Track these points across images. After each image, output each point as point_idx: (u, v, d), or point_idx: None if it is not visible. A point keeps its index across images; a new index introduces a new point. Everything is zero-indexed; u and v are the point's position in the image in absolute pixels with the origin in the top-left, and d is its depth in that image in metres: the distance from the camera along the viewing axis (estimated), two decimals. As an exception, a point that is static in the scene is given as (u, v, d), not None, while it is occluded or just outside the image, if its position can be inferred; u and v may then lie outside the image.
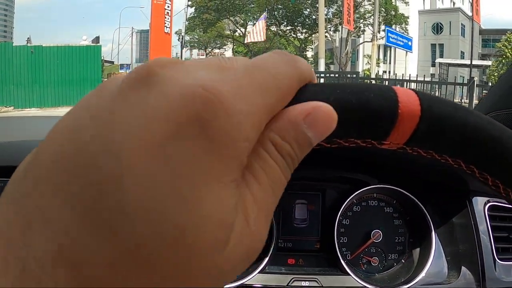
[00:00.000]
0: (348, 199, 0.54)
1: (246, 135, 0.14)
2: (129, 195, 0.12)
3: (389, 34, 14.64)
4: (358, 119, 0.17)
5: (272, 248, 0.50)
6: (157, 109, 0.13)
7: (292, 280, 0.51)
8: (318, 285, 0.51)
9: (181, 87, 0.13)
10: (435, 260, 0.53)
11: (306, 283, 0.51)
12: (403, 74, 9.03)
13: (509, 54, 14.75)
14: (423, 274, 0.52)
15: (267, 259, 0.49)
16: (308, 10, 18.57)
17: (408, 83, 9.17)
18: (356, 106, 0.17)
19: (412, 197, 0.55)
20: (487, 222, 0.55)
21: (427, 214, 0.55)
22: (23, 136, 0.76)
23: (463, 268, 0.53)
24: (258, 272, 0.49)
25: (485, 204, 0.56)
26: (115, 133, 0.13)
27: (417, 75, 8.70)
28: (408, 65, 15.51)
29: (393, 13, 17.68)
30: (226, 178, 0.13)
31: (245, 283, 0.48)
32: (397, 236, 0.58)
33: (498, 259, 0.54)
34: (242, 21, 19.95)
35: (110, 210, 0.12)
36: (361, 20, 18.18)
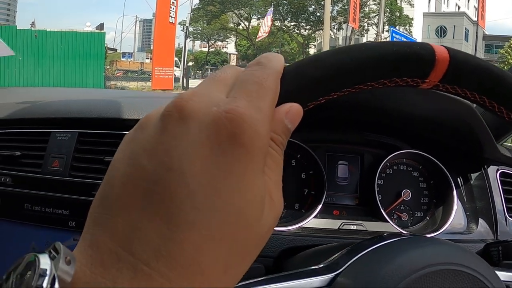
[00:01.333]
0: (384, 161, 0.64)
1: (263, 137, 0.19)
2: (196, 194, 0.17)
3: (394, 34, 14.68)
4: (406, 62, 0.25)
5: (323, 198, 0.59)
6: (199, 135, 0.18)
7: (342, 224, 0.61)
8: (364, 228, 0.61)
9: (210, 116, 0.18)
10: (457, 214, 0.63)
11: (354, 227, 0.61)
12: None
13: (511, 61, 14.81)
14: (447, 225, 0.62)
15: (320, 206, 0.59)
16: (313, 7, 18.59)
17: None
18: (406, 52, 0.25)
19: (436, 161, 0.65)
20: (499, 185, 0.65)
21: (449, 176, 0.64)
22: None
23: (480, 221, 0.63)
24: (313, 217, 0.58)
25: (497, 170, 0.66)
26: (170, 157, 0.17)
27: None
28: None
29: (397, 14, 17.75)
30: (257, 170, 0.19)
31: (303, 225, 0.58)
32: (422, 197, 0.68)
33: (509, 216, 0.64)
34: (246, 15, 19.94)
35: (182, 209, 0.17)
36: (365, 20, 18.25)
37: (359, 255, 0.35)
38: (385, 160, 0.64)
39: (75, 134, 0.62)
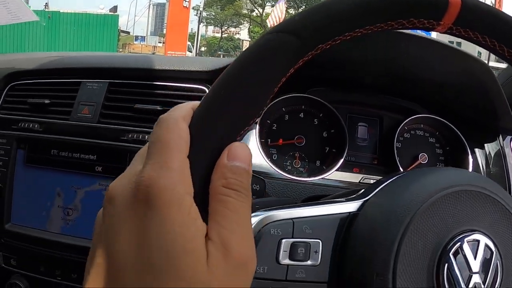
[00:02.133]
0: (403, 124, 0.64)
1: (175, 191, 0.20)
2: (126, 266, 0.19)
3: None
4: (422, 2, 0.27)
5: (345, 153, 0.61)
6: (123, 212, 0.20)
7: (363, 178, 0.62)
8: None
9: (127, 192, 0.21)
10: None
11: (373, 181, 0.62)
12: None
13: None
14: None
15: (341, 160, 0.60)
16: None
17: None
18: None
19: (453, 126, 0.65)
20: (510, 148, 0.66)
21: (465, 142, 0.65)
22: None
23: None
24: (335, 171, 0.60)
25: (510, 139, 0.67)
26: (107, 238, 0.20)
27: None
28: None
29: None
30: (179, 222, 0.20)
31: (325, 177, 0.59)
32: (438, 163, 0.69)
33: None
34: (260, 1, 19.76)
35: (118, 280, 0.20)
36: None
37: (383, 184, 0.36)
38: (404, 122, 0.65)
39: (106, 83, 0.64)
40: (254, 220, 0.33)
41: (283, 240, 0.33)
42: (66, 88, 0.66)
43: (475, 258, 0.32)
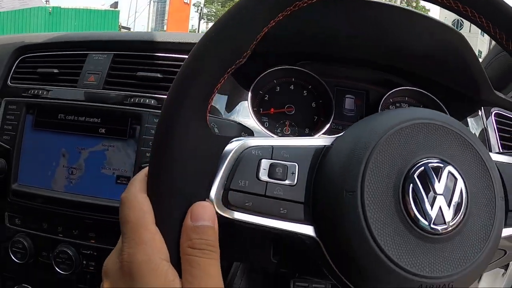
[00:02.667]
0: (386, 95, 0.69)
1: (153, 261, 0.26)
2: None
3: None
4: None
5: (331, 119, 0.66)
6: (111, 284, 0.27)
7: None
8: None
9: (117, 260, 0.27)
10: None
11: None
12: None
13: None
14: None
15: (328, 125, 0.65)
16: None
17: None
18: None
19: (435, 98, 0.70)
20: (494, 124, 0.70)
21: (448, 114, 0.70)
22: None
23: None
24: (322, 134, 0.65)
25: (492, 111, 0.72)
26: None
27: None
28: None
29: (414, 4, 17.55)
30: (164, 285, 0.25)
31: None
32: None
33: (502, 151, 0.70)
34: (261, 0, 19.77)
35: None
36: None
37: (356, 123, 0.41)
38: (387, 94, 0.69)
39: (111, 54, 0.68)
40: (237, 144, 0.36)
41: (263, 160, 0.35)
42: (74, 59, 0.71)
43: (439, 181, 0.35)
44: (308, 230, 0.36)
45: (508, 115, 0.72)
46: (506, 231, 0.40)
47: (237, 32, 0.35)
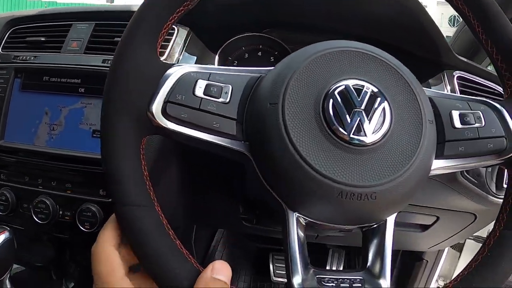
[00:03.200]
0: None
1: None
2: None
3: None
4: None
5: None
6: None
7: None
8: None
9: None
10: None
11: None
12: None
13: None
14: None
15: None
16: None
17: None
18: None
19: None
20: (456, 87, 0.73)
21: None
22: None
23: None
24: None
25: (454, 74, 0.75)
26: None
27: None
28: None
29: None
30: None
31: None
32: None
33: None
34: None
35: None
36: None
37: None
38: None
39: (93, 24, 0.75)
40: (179, 68, 0.41)
41: (200, 80, 0.40)
42: (60, 29, 0.77)
43: (359, 98, 0.38)
44: (240, 145, 0.40)
45: (471, 78, 0.75)
46: (440, 162, 0.42)
47: None
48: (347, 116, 0.37)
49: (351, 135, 0.37)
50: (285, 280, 0.83)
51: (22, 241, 0.67)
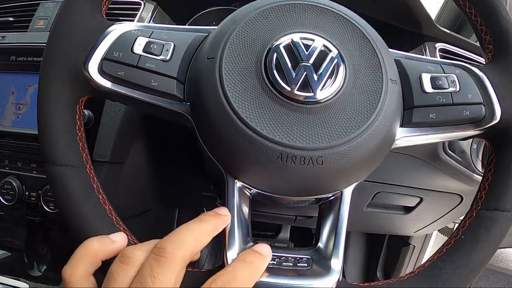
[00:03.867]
0: None
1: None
2: None
3: None
4: None
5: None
6: None
7: None
8: None
9: None
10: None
11: None
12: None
13: None
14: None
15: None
16: None
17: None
18: None
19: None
20: (437, 57, 0.69)
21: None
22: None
23: None
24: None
25: (436, 46, 0.70)
26: None
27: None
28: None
29: None
30: None
31: None
32: None
33: None
34: None
35: None
36: None
37: None
38: None
39: (59, 2, 0.73)
40: (120, 25, 0.38)
41: (140, 37, 0.38)
42: (28, 8, 0.76)
43: (307, 52, 0.34)
44: (180, 107, 0.37)
45: (454, 50, 0.71)
46: (407, 131, 0.37)
47: None
48: (292, 70, 0.33)
49: (295, 91, 0.33)
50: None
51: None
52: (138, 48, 0.37)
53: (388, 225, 0.78)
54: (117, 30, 0.38)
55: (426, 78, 0.38)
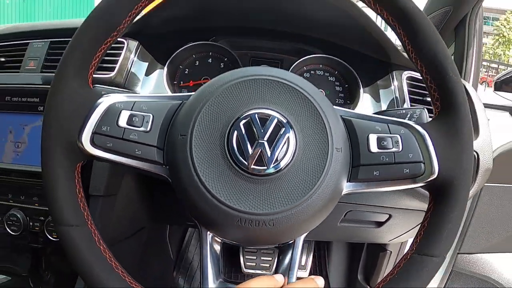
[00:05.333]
0: (296, 62, 0.76)
1: None
2: None
3: None
4: None
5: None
6: None
7: None
8: None
9: None
10: (364, 109, 0.75)
11: None
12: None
13: (506, 34, 15.06)
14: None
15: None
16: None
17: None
18: None
19: (346, 64, 0.77)
20: (405, 87, 0.76)
21: (358, 78, 0.76)
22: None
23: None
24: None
25: (403, 74, 0.77)
26: None
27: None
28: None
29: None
30: None
31: None
32: (338, 99, 0.80)
33: None
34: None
35: None
36: None
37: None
38: (297, 62, 0.76)
39: (48, 42, 0.80)
40: (106, 98, 0.44)
41: (123, 111, 0.44)
42: (18, 48, 0.82)
43: (263, 129, 0.40)
44: (160, 170, 0.44)
45: (420, 77, 0.78)
46: (353, 186, 0.44)
47: (109, 11, 0.46)
48: (249, 147, 0.40)
49: (252, 166, 0.40)
50: (256, 271, 0.89)
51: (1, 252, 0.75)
52: (123, 121, 0.44)
53: (363, 236, 0.86)
54: (103, 103, 0.45)
55: (373, 139, 0.44)
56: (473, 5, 0.82)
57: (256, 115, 0.41)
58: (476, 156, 0.72)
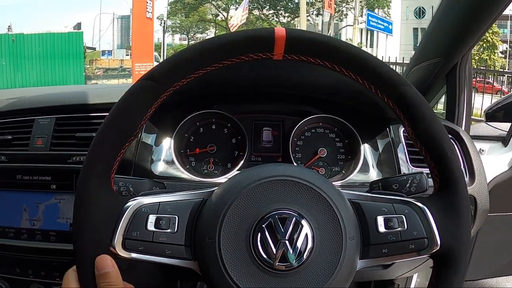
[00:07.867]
0: (298, 124, 0.85)
1: None
2: None
3: (370, 18, 15.85)
4: (253, 41, 0.44)
5: (245, 155, 0.82)
6: None
7: None
8: None
9: None
10: (364, 166, 0.83)
11: None
12: (383, 57, 9.25)
13: (489, 39, 15.68)
14: (353, 174, 0.81)
15: (242, 161, 0.81)
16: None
17: (390, 65, 9.17)
18: (252, 35, 0.44)
19: (345, 122, 0.86)
20: (402, 141, 0.84)
21: (357, 134, 0.85)
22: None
23: (384, 169, 0.84)
24: (236, 170, 0.80)
25: (401, 128, 0.85)
26: None
27: (396, 58, 8.92)
28: (388, 48, 16.25)
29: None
30: None
31: (228, 177, 0.80)
32: (339, 154, 0.88)
33: (412, 166, 0.83)
34: (224, 5, 20.26)
35: None
36: (344, 4, 19.14)
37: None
38: (300, 123, 0.85)
39: (53, 118, 0.85)
40: (132, 203, 0.49)
41: (150, 215, 0.48)
42: (24, 125, 0.87)
43: (283, 229, 0.46)
44: (189, 264, 0.49)
45: None
46: (364, 262, 0.49)
47: (124, 119, 0.49)
48: (273, 247, 0.46)
49: (277, 264, 0.46)
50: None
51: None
52: (151, 225, 0.48)
53: (372, 275, 0.95)
54: (130, 208, 0.48)
55: (380, 220, 0.49)
56: (462, 56, 0.91)
57: (276, 216, 0.47)
58: (473, 199, 0.81)
